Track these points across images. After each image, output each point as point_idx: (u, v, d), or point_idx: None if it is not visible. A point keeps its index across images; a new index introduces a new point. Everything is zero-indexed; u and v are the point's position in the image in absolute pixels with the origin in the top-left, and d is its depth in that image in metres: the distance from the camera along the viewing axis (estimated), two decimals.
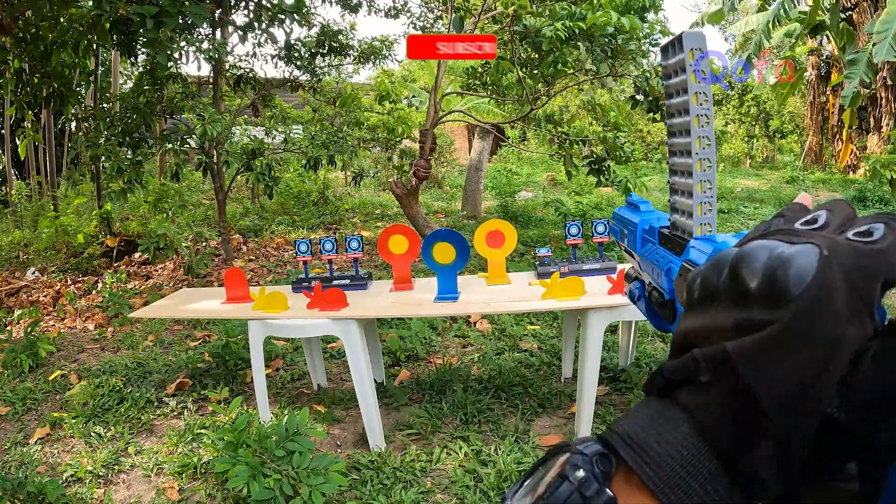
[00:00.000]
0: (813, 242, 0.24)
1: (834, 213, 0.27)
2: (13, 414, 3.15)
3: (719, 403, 0.25)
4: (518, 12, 4.77)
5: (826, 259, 0.24)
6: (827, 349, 0.23)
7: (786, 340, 0.23)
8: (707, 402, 0.25)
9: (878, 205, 8.02)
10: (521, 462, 2.39)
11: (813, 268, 0.23)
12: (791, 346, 0.23)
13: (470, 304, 2.58)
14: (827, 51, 12.99)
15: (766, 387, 0.23)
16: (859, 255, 0.24)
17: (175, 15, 4.37)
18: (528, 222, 7.37)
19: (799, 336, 0.23)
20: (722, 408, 0.25)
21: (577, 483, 0.26)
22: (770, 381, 0.23)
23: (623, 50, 4.64)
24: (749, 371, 0.24)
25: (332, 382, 3.35)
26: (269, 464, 2.06)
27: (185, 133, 5.32)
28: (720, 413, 0.25)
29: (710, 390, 0.25)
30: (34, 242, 6.53)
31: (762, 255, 0.25)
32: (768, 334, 0.23)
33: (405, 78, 14.42)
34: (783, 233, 0.26)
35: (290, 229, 7.53)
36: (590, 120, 9.84)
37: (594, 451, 0.27)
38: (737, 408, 0.24)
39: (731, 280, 0.25)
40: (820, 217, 0.27)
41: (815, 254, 0.24)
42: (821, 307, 0.23)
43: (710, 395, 0.25)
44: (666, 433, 0.26)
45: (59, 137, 9.67)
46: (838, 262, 0.24)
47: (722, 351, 0.24)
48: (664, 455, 0.25)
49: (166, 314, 3.46)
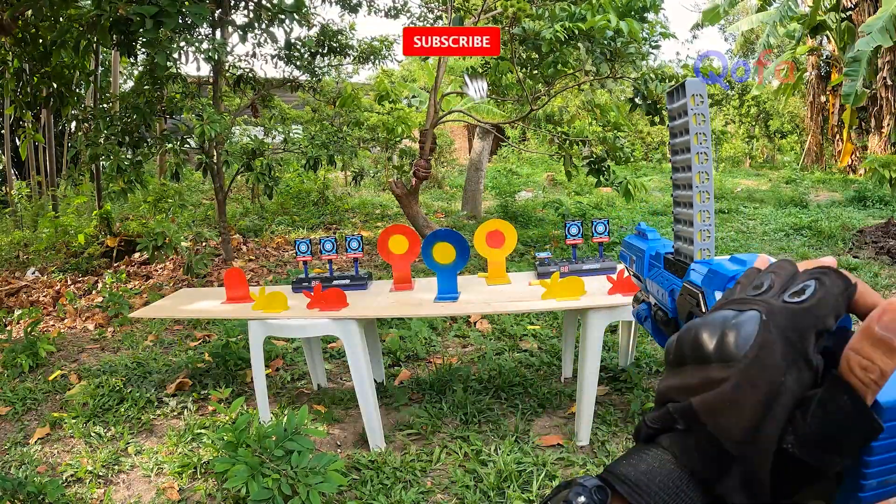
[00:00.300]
0: (756, 309, 0.31)
1: (777, 274, 0.33)
2: (13, 414, 3.15)
3: (693, 445, 0.31)
4: (517, 14, 4.77)
5: (765, 323, 0.30)
6: (769, 396, 0.28)
7: (736, 393, 0.29)
8: (684, 444, 0.31)
9: (878, 205, 8.02)
10: (521, 462, 2.39)
11: (755, 331, 0.29)
12: (740, 398, 0.29)
13: (470, 304, 2.58)
14: (827, 51, 12.98)
15: (725, 432, 0.29)
16: (792, 315, 0.30)
17: (175, 15, 4.37)
18: (528, 222, 7.37)
19: (746, 388, 0.29)
20: (696, 448, 0.31)
21: None
22: (727, 427, 0.29)
23: (622, 53, 4.64)
24: (710, 421, 0.30)
25: (332, 382, 3.35)
26: (268, 463, 2.06)
27: (185, 133, 5.32)
28: (695, 452, 0.31)
29: (685, 435, 0.31)
30: (34, 242, 6.53)
31: (717, 322, 0.31)
32: (722, 390, 0.29)
33: (405, 78, 14.42)
34: (736, 301, 0.33)
35: (290, 229, 7.53)
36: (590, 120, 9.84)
37: (593, 484, 0.32)
38: (707, 447, 0.30)
39: (694, 345, 0.32)
40: (765, 281, 0.33)
41: (756, 319, 0.30)
42: (761, 363, 0.29)
43: (685, 439, 0.31)
44: (653, 469, 0.31)
45: (59, 137, 9.67)
46: (775, 324, 0.29)
47: (689, 406, 0.31)
48: (653, 486, 0.31)
49: (166, 314, 3.46)
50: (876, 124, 11.44)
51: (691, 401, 0.31)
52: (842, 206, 8.19)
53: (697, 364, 0.31)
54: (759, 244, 6.17)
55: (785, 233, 6.61)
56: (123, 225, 6.61)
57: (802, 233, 6.54)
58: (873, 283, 4.49)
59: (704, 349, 0.31)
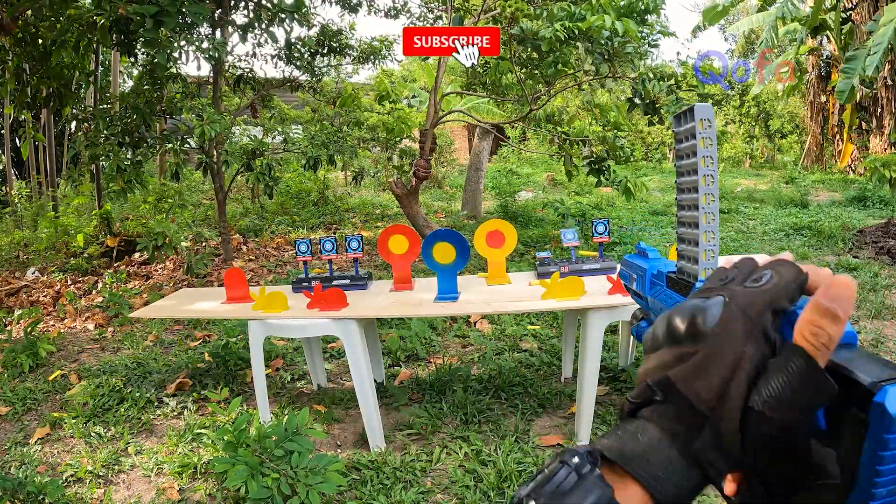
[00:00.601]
0: (721, 294, 0.36)
1: (740, 269, 0.38)
2: (13, 414, 3.15)
3: (671, 411, 0.35)
4: (515, 14, 4.77)
5: (727, 304, 0.35)
6: (733, 362, 0.33)
7: (705, 362, 0.34)
8: (664, 412, 0.36)
9: (879, 205, 8.01)
10: (521, 462, 2.39)
11: (718, 312, 0.34)
12: (709, 365, 0.34)
13: (470, 304, 2.58)
14: (827, 51, 12.98)
15: (697, 396, 0.34)
16: (751, 296, 0.35)
17: (175, 14, 4.37)
18: (528, 222, 7.37)
19: (713, 357, 0.34)
20: (673, 414, 0.35)
21: (573, 465, 0.35)
22: (699, 391, 0.34)
23: (620, 53, 4.64)
24: (684, 387, 0.35)
25: (332, 382, 3.35)
26: (267, 463, 2.06)
27: (185, 133, 5.32)
28: (674, 417, 0.35)
29: (663, 405, 0.36)
30: (34, 242, 6.53)
31: (687, 308, 0.36)
32: (694, 360, 0.34)
33: (405, 78, 14.42)
34: (704, 291, 0.38)
35: (290, 229, 7.53)
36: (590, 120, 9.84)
37: (585, 449, 0.36)
38: (682, 412, 0.35)
39: (667, 329, 0.37)
40: (729, 274, 0.38)
41: (720, 303, 0.35)
42: (726, 336, 0.34)
43: (664, 407, 0.36)
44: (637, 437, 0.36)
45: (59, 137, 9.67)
46: (736, 304, 0.35)
47: (666, 377, 0.35)
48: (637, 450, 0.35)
49: (166, 314, 3.46)
50: (877, 124, 11.43)
51: (667, 373, 0.35)
52: (842, 206, 8.19)
53: (671, 345, 0.36)
54: (759, 244, 6.17)
55: (785, 233, 6.61)
56: (123, 225, 6.61)
57: (802, 233, 6.53)
58: (873, 283, 4.48)
59: (677, 331, 0.36)
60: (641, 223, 7.18)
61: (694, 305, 0.36)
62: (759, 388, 0.33)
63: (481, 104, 9.52)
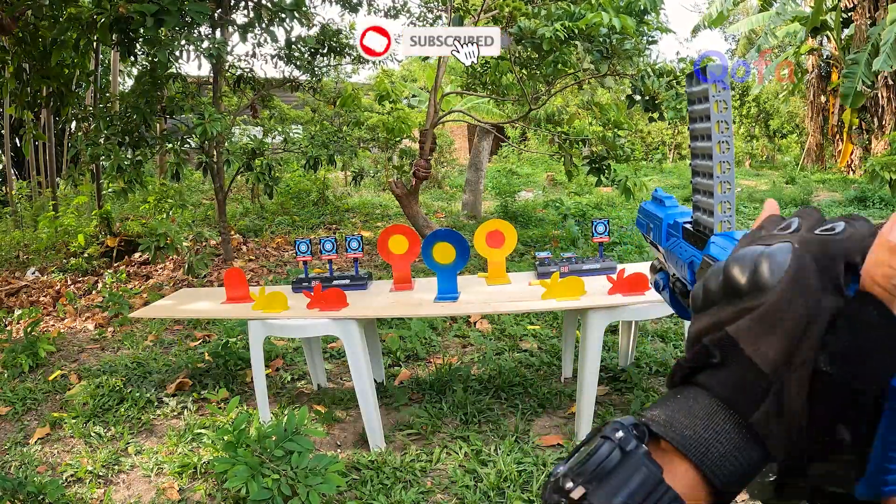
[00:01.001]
0: (787, 241, 0.31)
1: (804, 218, 0.33)
2: (13, 414, 3.15)
3: (729, 376, 0.31)
4: (513, 13, 4.77)
5: (797, 250, 0.30)
6: (806, 317, 0.29)
7: (771, 316, 0.29)
8: (720, 377, 0.31)
9: (879, 205, 8.01)
10: (521, 462, 2.39)
11: (787, 259, 0.30)
12: (776, 320, 0.29)
13: (470, 304, 2.58)
14: (827, 51, 12.98)
15: (762, 354, 0.29)
16: (824, 244, 0.30)
17: (175, 13, 4.37)
18: (528, 222, 7.37)
19: (781, 310, 0.29)
20: (732, 378, 0.31)
21: (617, 441, 0.31)
22: (765, 350, 0.29)
23: (618, 50, 4.64)
24: (747, 345, 0.30)
25: (332, 382, 3.34)
26: (268, 464, 2.05)
27: (185, 133, 5.32)
28: (731, 382, 0.31)
29: (720, 368, 0.31)
30: (34, 242, 6.53)
31: (748, 256, 0.31)
32: (758, 313, 0.29)
33: (405, 78, 14.42)
34: (763, 238, 0.33)
35: (290, 229, 7.53)
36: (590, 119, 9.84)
37: (630, 422, 0.32)
38: (743, 376, 0.30)
39: (725, 282, 0.31)
40: (793, 223, 0.33)
41: (788, 249, 0.30)
42: (797, 286, 0.29)
43: (721, 371, 0.31)
44: (688, 407, 0.31)
45: (59, 137, 9.67)
46: (808, 251, 0.30)
47: (725, 334, 0.30)
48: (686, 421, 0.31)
49: (166, 314, 3.46)
50: (878, 124, 11.43)
51: (726, 329, 0.31)
52: (842, 206, 8.19)
53: (729, 299, 0.31)
54: None
55: None
56: (123, 225, 6.61)
57: None
58: None
59: (736, 283, 0.31)
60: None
61: (757, 252, 0.31)
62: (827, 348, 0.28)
63: (481, 104, 9.52)
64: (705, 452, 0.30)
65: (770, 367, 0.29)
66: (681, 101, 4.66)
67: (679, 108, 4.63)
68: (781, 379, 0.29)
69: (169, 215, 6.96)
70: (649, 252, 5.66)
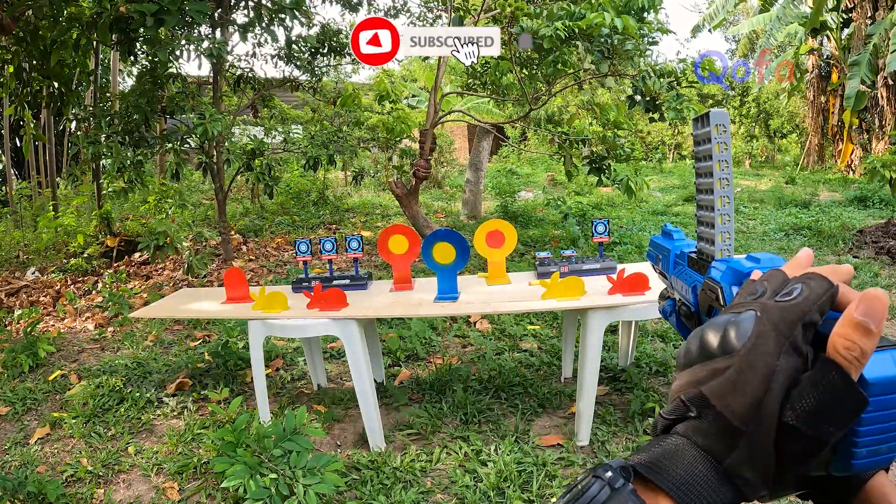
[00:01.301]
0: (752, 309, 0.36)
1: (770, 282, 0.38)
2: (13, 414, 3.15)
3: (705, 427, 0.35)
4: (515, 13, 4.76)
5: (759, 318, 0.35)
6: (767, 376, 0.33)
7: (738, 376, 0.34)
8: (697, 427, 0.36)
9: (879, 205, 8.01)
10: (521, 462, 2.39)
11: (751, 326, 0.35)
12: (743, 380, 0.34)
13: (470, 304, 2.58)
14: (827, 51, 12.98)
15: (730, 409, 0.34)
16: (782, 311, 0.35)
17: (175, 13, 4.37)
18: (528, 222, 7.37)
19: (747, 372, 0.34)
20: (707, 429, 0.35)
21: (607, 479, 0.35)
22: (734, 406, 0.34)
23: (619, 50, 4.64)
24: (719, 402, 0.34)
25: (332, 382, 3.34)
26: (266, 463, 2.05)
27: (186, 133, 5.32)
28: (707, 433, 0.35)
29: (698, 421, 0.36)
30: (34, 242, 6.53)
31: (720, 324, 0.36)
32: (727, 375, 0.34)
33: (405, 78, 14.42)
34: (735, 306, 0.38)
35: (290, 229, 7.53)
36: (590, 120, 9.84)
37: (619, 464, 0.36)
38: (717, 428, 0.35)
39: (701, 345, 0.37)
40: (759, 288, 0.38)
41: (752, 317, 0.35)
42: (758, 349, 0.34)
43: (698, 424, 0.36)
44: (670, 452, 0.36)
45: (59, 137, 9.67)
46: (768, 318, 0.35)
47: (700, 392, 0.36)
48: (670, 465, 0.35)
49: (166, 314, 3.45)
50: (879, 124, 11.42)
51: (701, 389, 0.35)
52: (842, 206, 8.19)
53: (704, 360, 0.36)
54: (759, 244, 6.17)
55: (785, 233, 6.61)
56: (123, 225, 6.61)
57: (802, 233, 6.53)
58: (873, 283, 4.48)
59: (710, 347, 0.36)
60: (641, 223, 7.18)
61: (726, 320, 0.36)
62: (792, 403, 0.33)
63: (481, 104, 9.51)
64: (686, 492, 0.34)
65: (739, 420, 0.34)
66: (681, 102, 4.65)
67: (679, 108, 4.63)
68: (750, 430, 0.33)
69: (169, 215, 6.96)
70: None
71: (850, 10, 11.74)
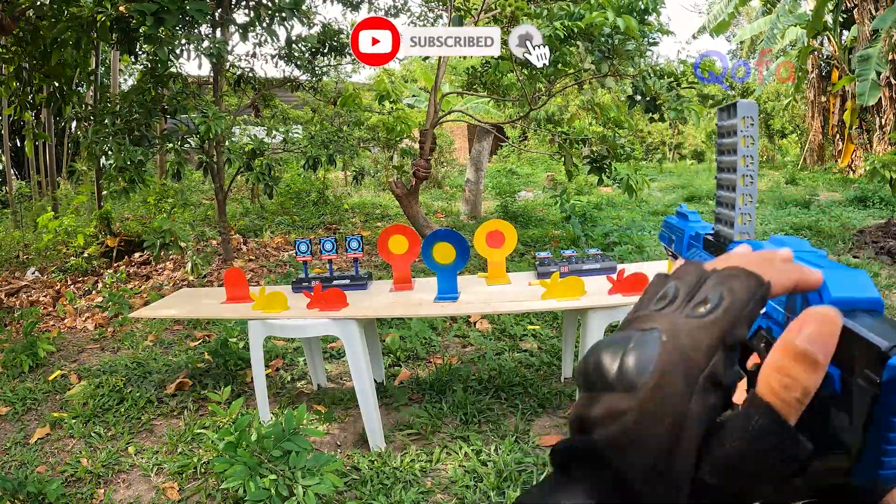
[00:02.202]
0: (656, 328, 0.28)
1: (682, 282, 0.30)
2: (13, 414, 3.15)
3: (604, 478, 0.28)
4: (515, 13, 4.76)
5: (664, 344, 0.27)
6: (674, 426, 0.26)
7: (637, 427, 0.26)
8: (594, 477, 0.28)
9: (879, 205, 8.01)
10: (521, 462, 2.39)
11: (654, 355, 0.27)
12: (642, 432, 0.26)
13: (470, 304, 2.58)
14: (827, 51, 12.97)
15: (630, 467, 0.26)
16: (695, 332, 0.27)
17: (175, 12, 4.37)
18: (528, 222, 7.37)
19: (647, 422, 0.26)
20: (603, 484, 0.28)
21: None
22: (632, 464, 0.26)
23: (620, 51, 4.64)
24: (615, 456, 0.27)
25: (332, 382, 3.34)
26: (266, 464, 2.05)
27: (186, 133, 5.32)
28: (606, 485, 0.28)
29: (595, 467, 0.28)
30: (34, 242, 6.53)
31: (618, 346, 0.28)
32: (624, 424, 0.27)
33: (405, 78, 14.42)
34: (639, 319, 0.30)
35: (290, 229, 7.53)
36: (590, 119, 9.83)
37: None
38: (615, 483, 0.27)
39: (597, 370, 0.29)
40: (669, 291, 0.30)
41: (656, 340, 0.27)
42: (662, 392, 0.26)
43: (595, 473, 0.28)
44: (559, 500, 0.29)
45: (60, 136, 9.67)
46: (675, 345, 0.27)
47: (593, 443, 0.28)
48: None
49: (166, 314, 3.46)
50: (879, 124, 11.42)
51: (594, 437, 0.28)
52: (842, 206, 8.18)
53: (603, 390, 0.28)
54: None
55: (785, 233, 6.61)
56: (123, 225, 6.61)
57: (802, 233, 6.53)
58: (873, 283, 4.48)
59: (607, 375, 0.28)
60: (641, 223, 7.18)
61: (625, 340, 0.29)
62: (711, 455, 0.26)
63: (481, 104, 9.51)
64: None
65: (640, 482, 0.26)
66: (682, 103, 4.65)
67: (680, 108, 4.63)
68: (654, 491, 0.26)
69: (169, 215, 6.96)
70: (649, 252, 5.65)
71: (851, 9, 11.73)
